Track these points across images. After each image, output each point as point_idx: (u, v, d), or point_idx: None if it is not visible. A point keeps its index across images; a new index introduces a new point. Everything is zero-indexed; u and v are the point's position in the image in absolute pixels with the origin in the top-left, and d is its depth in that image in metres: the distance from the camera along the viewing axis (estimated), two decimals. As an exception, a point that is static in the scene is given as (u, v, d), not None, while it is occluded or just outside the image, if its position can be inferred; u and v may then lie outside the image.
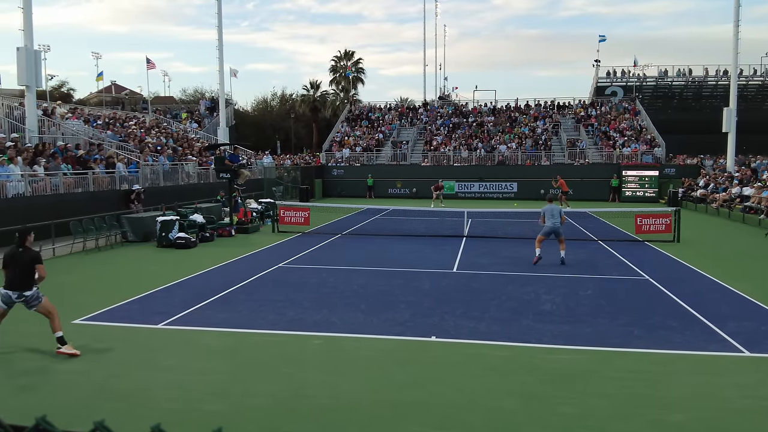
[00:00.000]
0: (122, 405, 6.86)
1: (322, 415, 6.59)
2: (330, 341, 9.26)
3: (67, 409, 6.74)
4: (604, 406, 6.80)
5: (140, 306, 11.44)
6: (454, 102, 59.42)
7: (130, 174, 24.09)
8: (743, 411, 6.69)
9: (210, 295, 12.12)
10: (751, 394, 7.16)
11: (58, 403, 6.93)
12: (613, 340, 9.34)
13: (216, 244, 20.13)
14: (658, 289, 12.99)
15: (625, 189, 40.54)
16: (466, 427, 6.31)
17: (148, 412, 6.64)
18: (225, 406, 6.82)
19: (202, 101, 54.68)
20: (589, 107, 52.76)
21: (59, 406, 6.80)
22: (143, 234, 20.09)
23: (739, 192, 29.81)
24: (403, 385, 7.44)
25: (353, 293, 12.56)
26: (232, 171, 23.35)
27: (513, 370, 7.98)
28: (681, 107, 66.22)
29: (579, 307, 11.41)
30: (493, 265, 15.91)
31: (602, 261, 16.76)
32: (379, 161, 47.07)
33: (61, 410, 6.64)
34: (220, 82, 39.55)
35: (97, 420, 1.41)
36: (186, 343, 9.18)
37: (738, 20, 36.48)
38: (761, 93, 63.91)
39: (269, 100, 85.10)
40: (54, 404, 6.87)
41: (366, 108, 58.03)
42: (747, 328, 9.89)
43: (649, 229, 20.90)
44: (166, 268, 15.40)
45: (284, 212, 23.46)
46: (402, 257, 17.22)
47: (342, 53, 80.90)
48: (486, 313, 10.92)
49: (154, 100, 61.69)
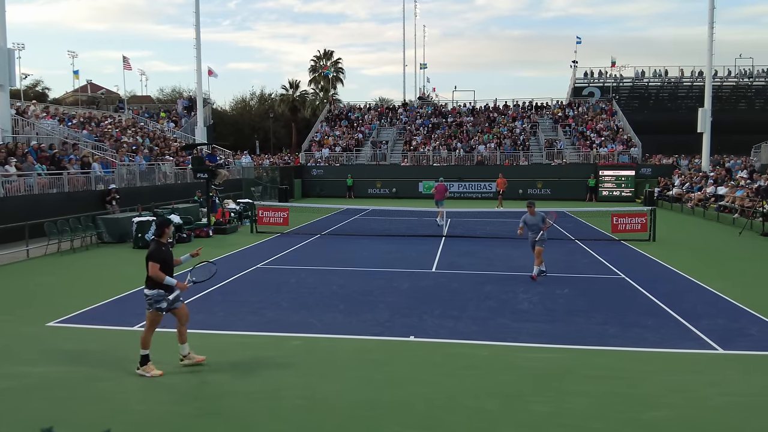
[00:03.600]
0: (97, 408, 6.77)
1: (300, 416, 6.55)
2: (309, 342, 9.23)
3: (41, 412, 6.62)
4: (581, 405, 6.85)
5: (116, 308, 11.31)
6: (433, 102, 59.58)
7: (105, 174, 23.80)
8: (717, 408, 6.79)
9: (186, 297, 11.94)
10: (725, 390, 7.27)
11: (33, 406, 6.81)
12: (590, 338, 9.43)
13: (193, 244, 19.94)
14: (634, 288, 13.14)
15: (602, 189, 40.97)
16: (445, 427, 6.32)
17: (122, 415, 6.57)
18: (199, 409, 6.76)
19: (179, 100, 54.19)
20: (567, 108, 53.21)
21: (33, 410, 6.69)
22: (119, 235, 19.86)
23: (714, 191, 30.26)
24: (382, 386, 7.44)
25: (332, 294, 12.52)
26: (210, 171, 23.17)
27: (491, 370, 8.02)
28: (657, 108, 67.05)
29: (556, 306, 11.50)
30: (472, 265, 15.97)
31: (579, 260, 16.90)
32: (359, 161, 47.03)
33: (36, 413, 6.54)
34: (198, 81, 39.25)
35: (45, 427, 1.38)
36: (162, 346, 9.06)
37: (712, 22, 37.05)
38: (735, 94, 64.97)
39: (248, 99, 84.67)
40: (29, 407, 6.75)
41: (346, 108, 57.95)
42: (721, 326, 10.04)
43: (625, 228, 21.14)
44: (142, 270, 15.07)
45: (263, 212, 23.34)
46: (381, 257, 17.22)
47: (322, 53, 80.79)
48: (465, 312, 10.96)
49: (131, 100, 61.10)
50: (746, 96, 66.06)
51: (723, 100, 62.32)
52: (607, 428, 6.28)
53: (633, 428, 6.28)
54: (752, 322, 10.35)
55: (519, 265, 15.72)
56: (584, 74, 61.49)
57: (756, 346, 9.02)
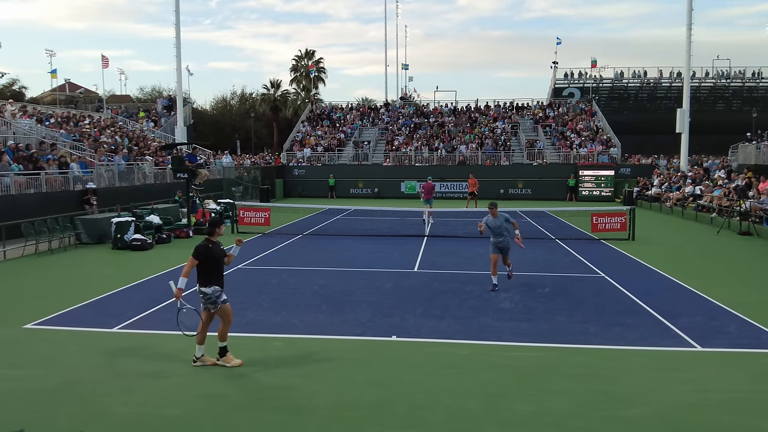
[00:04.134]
0: (76, 410, 6.68)
1: (282, 417, 6.52)
2: (290, 342, 9.20)
3: (19, 415, 6.52)
4: (562, 403, 6.89)
5: (95, 309, 11.18)
6: (415, 102, 59.66)
7: (84, 174, 23.51)
8: (696, 405, 6.87)
9: (167, 298, 11.85)
10: (703, 387, 7.36)
11: (10, 409, 6.71)
12: (570, 337, 9.49)
13: (173, 245, 19.78)
14: (614, 287, 13.26)
15: (582, 188, 41.31)
16: (427, 427, 6.33)
17: (102, 418, 6.49)
18: (181, 410, 6.70)
19: (159, 100, 53.69)
20: (547, 108, 53.58)
21: (11, 413, 6.58)
22: (98, 236, 19.64)
23: (692, 191, 30.63)
24: (364, 386, 7.43)
25: (314, 294, 12.48)
26: (190, 171, 22.99)
27: (473, 369, 8.04)
28: (636, 108, 67.80)
29: (537, 304, 11.57)
30: (454, 265, 16.01)
31: (559, 259, 17.02)
32: (341, 161, 46.96)
33: (13, 416, 6.43)
34: (178, 80, 38.92)
35: (16, 430, 1.35)
36: (142, 347, 8.99)
37: (690, 24, 37.52)
38: (713, 95, 65.90)
39: (229, 99, 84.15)
40: (5, 411, 6.65)
41: (327, 108, 57.84)
42: (699, 324, 10.17)
43: (605, 227, 21.34)
44: (121, 271, 15.08)
45: (244, 213, 23.22)
46: (363, 257, 17.20)
47: (303, 52, 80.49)
48: (446, 312, 10.99)
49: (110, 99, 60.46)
50: (724, 97, 67.05)
51: (701, 100, 63.18)
52: (588, 426, 6.33)
53: (612, 426, 6.33)
54: (730, 320, 10.48)
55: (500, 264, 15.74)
56: (564, 75, 62.00)
57: (733, 343, 9.14)
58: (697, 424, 6.40)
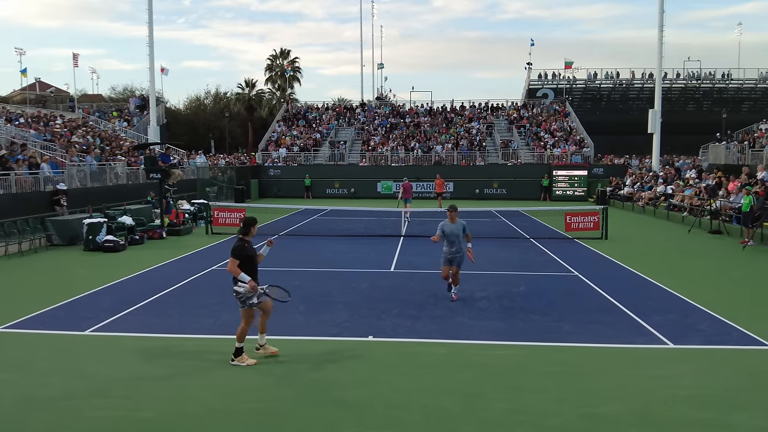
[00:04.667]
0: (49, 416, 6.56)
1: (258, 420, 6.48)
2: (266, 344, 9.12)
3: (-15, 422, 6.39)
4: (537, 401, 6.95)
5: (67, 312, 10.99)
6: (391, 102, 59.72)
7: (55, 175, 23.11)
8: (667, 400, 6.97)
9: (140, 300, 11.76)
10: (675, 383, 7.47)
11: (-24, 416, 6.57)
12: (545, 335, 9.57)
13: (146, 246, 19.54)
14: (588, 285, 13.41)
15: (556, 188, 41.70)
16: (403, 427, 6.33)
17: (76, 423, 6.39)
18: (156, 413, 6.62)
19: (131, 99, 53.03)
20: (522, 109, 54.01)
21: (-23, 420, 6.45)
22: (69, 237, 19.32)
23: (664, 190, 31.11)
24: (341, 386, 7.40)
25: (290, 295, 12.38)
26: (163, 171, 22.72)
27: (450, 368, 8.07)
28: (609, 109, 68.64)
29: (512, 304, 11.65)
30: (430, 265, 16.01)
31: (534, 258, 17.16)
32: (317, 161, 46.83)
33: (-21, 424, 6.30)
34: (151, 79, 38.53)
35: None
36: (115, 350, 8.87)
37: (662, 26, 38.12)
38: (684, 95, 66.97)
39: (202, 98, 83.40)
40: (-29, 418, 6.51)
41: (303, 107, 57.63)
42: (671, 321, 10.32)
43: (579, 226, 21.57)
44: (93, 273, 14.85)
45: (218, 213, 23.03)
46: (340, 258, 17.17)
47: (278, 52, 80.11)
48: (423, 311, 11.01)
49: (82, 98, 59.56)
50: (694, 98, 68.18)
51: (672, 101, 64.19)
52: (563, 423, 6.39)
53: (587, 422, 6.40)
54: (702, 317, 10.66)
55: (476, 264, 15.84)
56: (538, 76, 62.51)
57: (705, 340, 9.30)
58: (668, 419, 6.49)
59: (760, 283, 13.95)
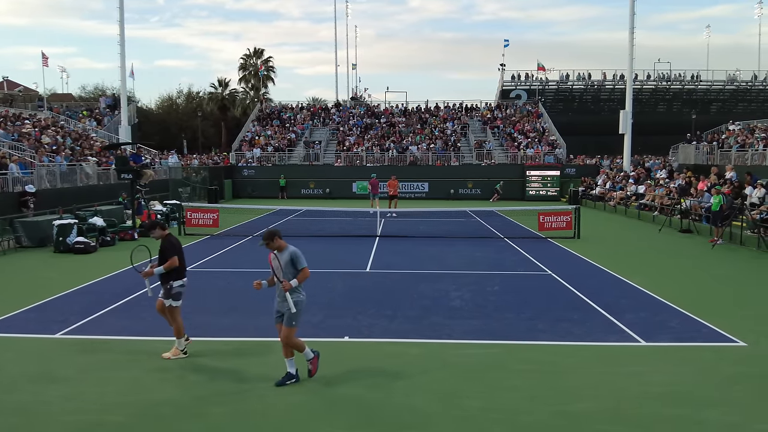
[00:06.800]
0: (18, 421, 6.43)
1: (231, 421, 6.42)
2: (241, 346, 9.07)
3: (-49, 428, 6.25)
4: (511, 399, 7.00)
5: (36, 315, 10.79)
6: (366, 102, 59.68)
7: (24, 175, 22.67)
8: (639, 397, 7.06)
9: (111, 302, 11.59)
10: (647, 380, 7.58)
11: (-59, 422, 6.41)
12: (519, 333, 9.66)
13: (118, 248, 19.23)
14: (561, 284, 13.54)
15: (529, 188, 42.02)
16: (377, 427, 6.32)
17: (45, 427, 6.27)
18: (127, 416, 6.53)
19: (102, 99, 52.25)
20: (495, 110, 54.37)
21: (-58, 426, 6.29)
22: (39, 239, 18.96)
23: (635, 190, 31.56)
24: (316, 387, 7.38)
25: (264, 296, 12.24)
26: (135, 171, 22.42)
27: (425, 367, 8.08)
28: (581, 110, 69.43)
29: (486, 302, 11.72)
30: (406, 264, 16.07)
31: (508, 258, 17.28)
32: (292, 161, 46.59)
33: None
34: (122, 78, 38.01)
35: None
36: (86, 353, 8.72)
37: (633, 28, 38.62)
38: (654, 96, 68.05)
39: (174, 98, 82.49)
40: (-64, 424, 6.35)
41: (277, 107, 57.32)
42: (643, 319, 10.47)
43: (551, 226, 21.78)
44: (64, 275, 14.60)
45: (191, 214, 22.80)
46: (315, 258, 17.02)
47: (252, 51, 79.59)
48: (398, 311, 11.02)
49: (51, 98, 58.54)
50: (665, 99, 69.31)
51: (643, 102, 65.15)
52: (537, 420, 6.44)
53: (560, 420, 6.46)
54: (673, 315, 10.83)
55: (451, 263, 15.94)
56: (512, 77, 63.01)
57: (676, 338, 9.44)
58: (640, 416, 6.58)
59: (729, 281, 14.21)
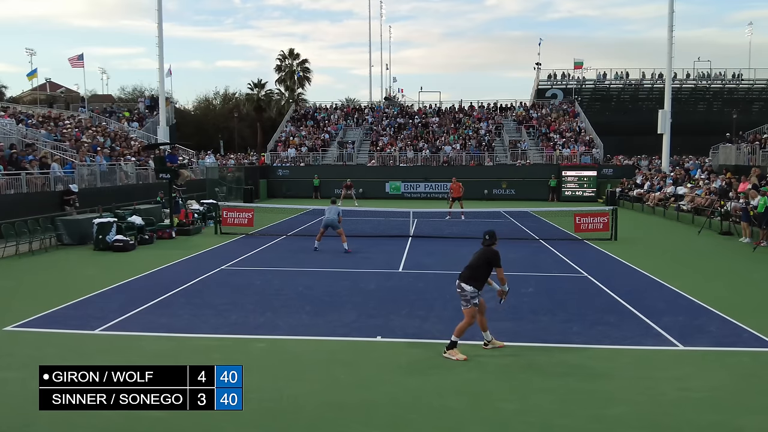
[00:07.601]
0: (57, 415, 6.58)
1: (267, 418, 6.49)
2: (274, 344, 9.15)
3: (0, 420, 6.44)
4: (546, 402, 6.92)
5: (76, 311, 11.04)
6: (399, 103, 59.69)
7: (65, 175, 23.24)
8: (677, 403, 6.93)
9: (149, 299, 11.80)
10: (685, 386, 7.43)
11: (-13, 414, 6.61)
12: (554, 336, 9.54)
13: (155, 246, 19.61)
14: (597, 286, 13.35)
15: (565, 189, 41.53)
16: (411, 427, 6.32)
17: (82, 420, 6.41)
18: (164, 413, 6.63)
19: (141, 100, 53.28)
20: (531, 109, 53.87)
21: (-12, 418, 6.49)
22: (79, 236, 19.41)
23: (674, 191, 30.93)
24: (348, 387, 7.41)
25: (298, 295, 12.43)
26: (172, 171, 22.81)
27: (457, 368, 8.05)
28: (618, 109, 68.27)
29: (521, 304, 11.61)
30: (438, 265, 16.02)
31: (543, 259, 17.10)
32: (326, 161, 46.87)
33: (-10, 422, 6.35)
34: (160, 79, 38.73)
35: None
36: (124, 349, 8.90)
37: (672, 26, 37.89)
38: (694, 96, 66.52)
39: (211, 99, 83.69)
40: (-18, 416, 6.55)
41: (312, 108, 57.70)
42: (680, 323, 10.26)
43: (588, 227, 21.46)
44: (103, 272, 14.92)
45: (227, 213, 23.08)
46: (348, 258, 17.17)
47: (287, 52, 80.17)
48: (431, 312, 11.00)
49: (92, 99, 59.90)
50: (704, 98, 67.71)
51: (682, 102, 63.75)
52: (572, 424, 6.36)
53: (597, 424, 6.37)
54: (711, 319, 10.59)
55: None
56: (548, 76, 62.30)
57: (715, 342, 9.24)
58: (679, 422, 6.45)
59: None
